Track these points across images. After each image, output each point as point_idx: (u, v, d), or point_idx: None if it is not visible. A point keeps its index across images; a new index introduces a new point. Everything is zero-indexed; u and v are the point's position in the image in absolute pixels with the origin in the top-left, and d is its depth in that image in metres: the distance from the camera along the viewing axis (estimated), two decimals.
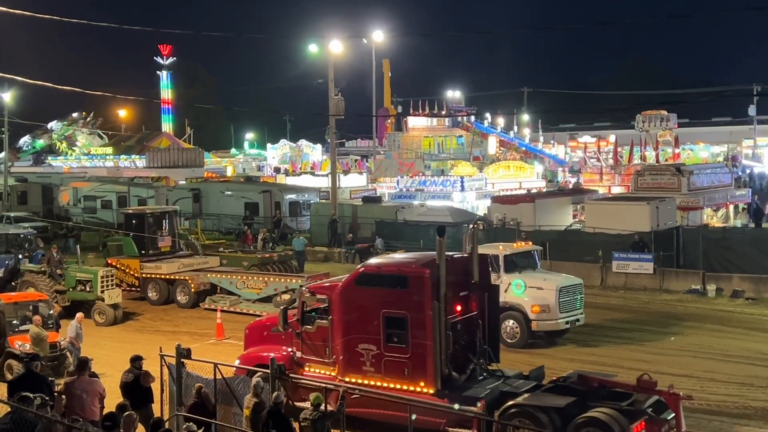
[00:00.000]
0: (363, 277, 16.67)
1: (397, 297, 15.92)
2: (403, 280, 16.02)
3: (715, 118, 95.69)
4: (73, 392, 13.73)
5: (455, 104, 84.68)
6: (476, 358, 16.28)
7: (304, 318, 17.08)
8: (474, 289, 16.69)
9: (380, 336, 15.87)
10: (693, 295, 30.07)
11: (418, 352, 15.41)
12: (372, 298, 16.22)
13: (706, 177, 42.18)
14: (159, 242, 31.69)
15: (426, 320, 15.35)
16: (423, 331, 15.40)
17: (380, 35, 65.78)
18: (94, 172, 68.19)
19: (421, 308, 15.47)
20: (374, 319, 15.96)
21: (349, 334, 16.23)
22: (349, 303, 16.47)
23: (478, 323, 16.59)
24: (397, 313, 15.78)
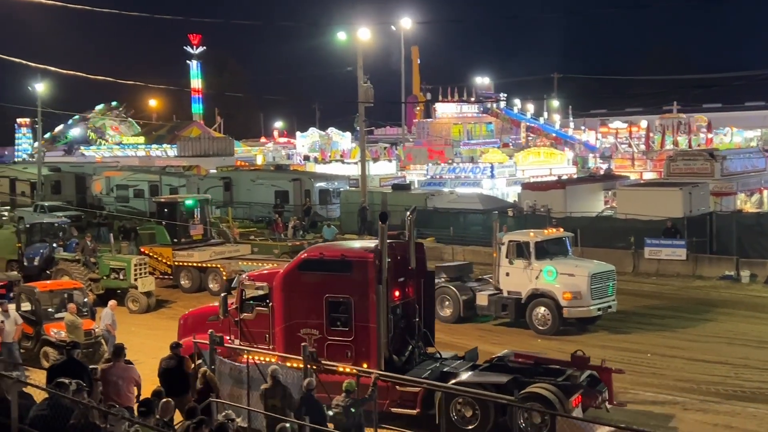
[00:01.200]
0: (306, 263, 16.92)
1: (341, 282, 16.26)
2: (348, 265, 16.40)
3: (749, 103, 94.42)
4: (109, 379, 13.90)
5: (484, 91, 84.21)
6: (414, 341, 16.73)
7: (243, 305, 17.24)
8: (411, 275, 17.04)
9: (323, 320, 16.17)
10: (726, 281, 29.80)
11: (362, 335, 15.77)
12: (315, 283, 16.48)
13: (740, 162, 41.72)
14: (191, 230, 31.90)
15: (370, 304, 15.77)
16: (366, 314, 15.81)
17: (408, 22, 65.61)
18: (126, 161, 68.80)
19: (365, 292, 15.86)
20: (317, 304, 16.23)
21: (290, 320, 16.42)
22: (290, 289, 16.66)
23: (415, 308, 17.05)
24: (340, 298, 16.14)
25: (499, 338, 23.15)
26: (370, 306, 15.81)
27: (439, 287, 25.26)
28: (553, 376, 15.66)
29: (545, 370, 16.13)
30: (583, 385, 15.47)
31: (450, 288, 25.10)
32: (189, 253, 30.80)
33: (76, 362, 13.67)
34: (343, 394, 13.41)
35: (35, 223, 33.46)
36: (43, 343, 20.82)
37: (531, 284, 23.65)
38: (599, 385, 15.94)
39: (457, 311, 24.85)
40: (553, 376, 15.66)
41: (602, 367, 16.35)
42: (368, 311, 15.83)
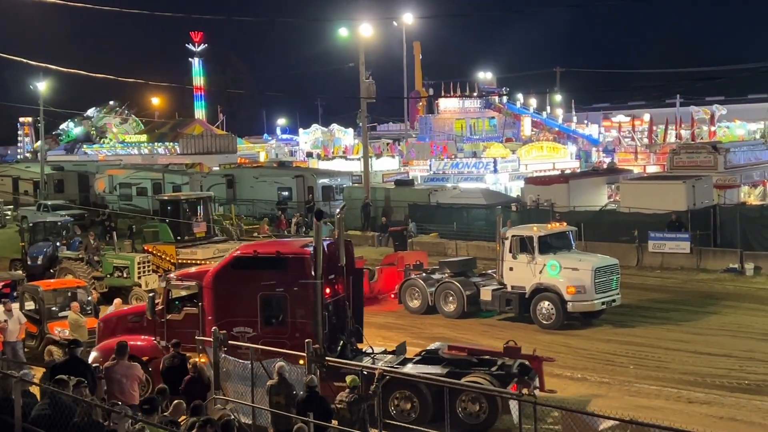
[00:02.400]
0: (239, 261, 16.87)
1: (277, 279, 16.26)
2: (283, 262, 16.42)
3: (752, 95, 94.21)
4: (112, 377, 13.92)
5: (487, 86, 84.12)
6: (346, 337, 16.83)
7: (170, 306, 17.12)
8: (340, 273, 17.07)
9: (257, 318, 16.13)
10: (731, 274, 29.73)
11: (298, 331, 15.75)
12: (249, 281, 16.41)
13: (743, 154, 41.62)
14: (194, 228, 31.87)
15: (306, 300, 15.82)
16: (303, 310, 15.89)
17: (410, 18, 65.51)
18: (128, 159, 68.86)
19: (301, 289, 15.94)
20: (251, 302, 16.16)
21: (222, 319, 16.25)
22: (222, 287, 16.57)
23: (346, 304, 17.10)
24: (276, 295, 16.15)
25: (503, 333, 23.06)
26: (306, 303, 15.86)
27: (443, 282, 25.30)
28: (487, 366, 16.05)
29: (479, 361, 16.43)
30: (517, 374, 15.92)
31: (453, 283, 25.09)
32: (192, 251, 30.72)
33: (79, 360, 13.69)
34: (347, 390, 13.41)
35: (38, 222, 33.47)
36: (47, 342, 20.83)
37: (535, 279, 23.62)
38: (530, 373, 16.36)
39: (460, 306, 24.84)
40: (487, 366, 16.05)
41: (533, 356, 16.83)
42: (305, 308, 15.91)
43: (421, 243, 37.16)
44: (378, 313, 26.15)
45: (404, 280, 26.39)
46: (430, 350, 17.24)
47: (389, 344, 18.72)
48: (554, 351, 21.10)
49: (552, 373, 19.17)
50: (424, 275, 26.17)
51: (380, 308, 26.69)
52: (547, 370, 19.28)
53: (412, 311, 25.62)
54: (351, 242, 18.37)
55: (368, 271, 27.99)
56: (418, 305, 25.61)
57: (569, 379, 18.83)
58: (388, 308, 26.49)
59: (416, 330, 23.66)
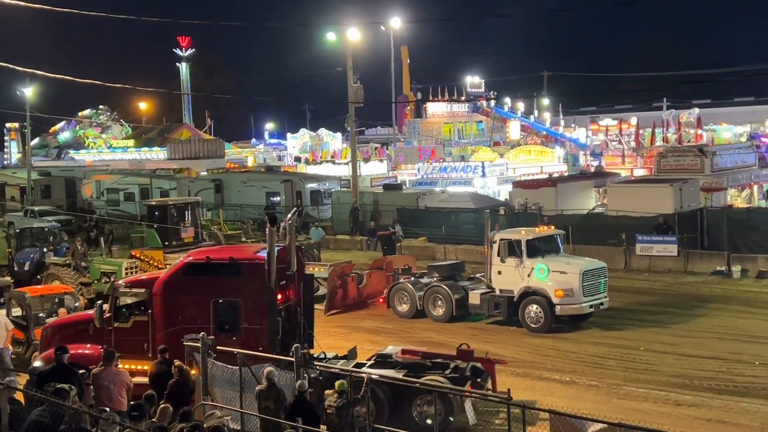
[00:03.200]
0: (191, 267, 16.74)
1: (230, 285, 16.20)
2: (237, 268, 16.35)
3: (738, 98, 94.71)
4: (100, 383, 13.85)
5: (474, 90, 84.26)
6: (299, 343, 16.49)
7: (117, 314, 16.88)
8: (291, 279, 17.00)
9: (210, 324, 15.95)
10: (718, 276, 29.86)
11: (252, 337, 15.68)
12: (201, 287, 16.31)
13: (730, 157, 41.81)
14: (182, 233, 31.80)
15: (260, 306, 15.78)
16: (256, 316, 15.81)
17: (398, 22, 65.61)
18: (116, 164, 68.63)
19: (255, 295, 15.88)
20: (203, 308, 16.05)
21: (172, 326, 16.14)
22: (173, 294, 16.42)
23: (297, 310, 17.03)
24: (229, 301, 16.04)
25: (492, 337, 23.16)
26: (260, 308, 15.79)
27: (432, 286, 25.30)
28: (441, 369, 16.12)
29: (433, 364, 16.48)
30: (470, 376, 16.07)
31: (442, 287, 25.09)
32: (180, 256, 30.61)
33: (66, 367, 13.62)
34: (336, 394, 13.40)
35: (25, 228, 33.33)
36: (35, 348, 20.69)
37: (523, 282, 23.65)
38: (483, 375, 16.54)
39: (449, 310, 24.84)
40: (441, 369, 16.12)
41: (485, 359, 17.05)
42: (258, 313, 15.83)
43: (410, 247, 37.19)
44: (367, 317, 26.16)
45: (393, 284, 26.39)
46: (382, 354, 17.20)
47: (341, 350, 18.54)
48: (543, 354, 21.19)
49: (540, 376, 19.26)
50: (412, 279, 26.18)
51: (369, 312, 26.69)
52: (535, 373, 19.42)
53: (401, 315, 25.61)
54: (302, 248, 18.44)
55: (357, 275, 28.05)
56: (407, 309, 25.60)
57: (558, 382, 18.86)
58: (376, 312, 26.48)
59: (405, 334, 23.66)
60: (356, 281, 27.67)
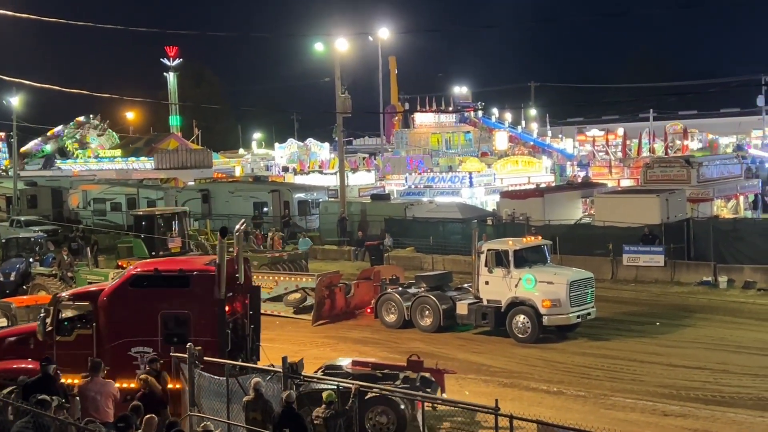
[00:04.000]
0: (138, 279, 16.39)
1: (179, 296, 15.91)
2: (186, 280, 16.06)
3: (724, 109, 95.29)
4: (86, 394, 13.77)
5: (462, 100, 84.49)
6: (247, 355, 16.63)
7: (60, 327, 16.39)
8: (238, 291, 16.78)
9: (158, 337, 15.68)
10: (704, 287, 29.97)
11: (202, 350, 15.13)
12: (149, 299, 15.98)
13: (716, 168, 42.02)
14: (169, 243, 31.72)
15: (210, 318, 15.53)
16: (206, 328, 15.53)
17: (386, 32, 65.70)
18: (102, 174, 68.38)
19: (204, 306, 15.63)
20: (151, 321, 15.69)
21: (118, 339, 15.78)
22: (120, 307, 16.06)
23: (244, 322, 16.83)
24: (178, 313, 15.77)
25: (480, 347, 23.17)
26: (210, 320, 15.54)
27: (419, 297, 25.30)
28: (392, 380, 16.15)
29: (383, 375, 16.50)
30: (419, 387, 16.12)
31: (430, 297, 25.09)
32: None
33: (51, 378, 13.54)
34: (324, 405, 13.36)
35: (11, 238, 33.23)
36: None
37: (510, 292, 23.67)
38: (432, 385, 16.60)
39: (437, 321, 24.83)
40: (392, 380, 16.15)
41: (435, 369, 17.15)
42: (208, 326, 15.56)
43: (398, 257, 37.19)
44: (354, 327, 26.13)
45: (380, 294, 26.35)
46: (331, 366, 17.14)
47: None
48: (530, 364, 21.20)
49: (528, 386, 19.27)
50: (400, 289, 26.15)
51: (356, 323, 26.66)
52: (523, 383, 19.43)
53: (388, 326, 25.59)
54: (249, 259, 18.22)
55: (344, 285, 28.02)
56: (395, 319, 25.58)
57: (545, 392, 18.87)
58: (364, 323, 26.46)
59: (392, 344, 23.64)
60: (344, 291, 27.63)
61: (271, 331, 25.72)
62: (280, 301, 28.28)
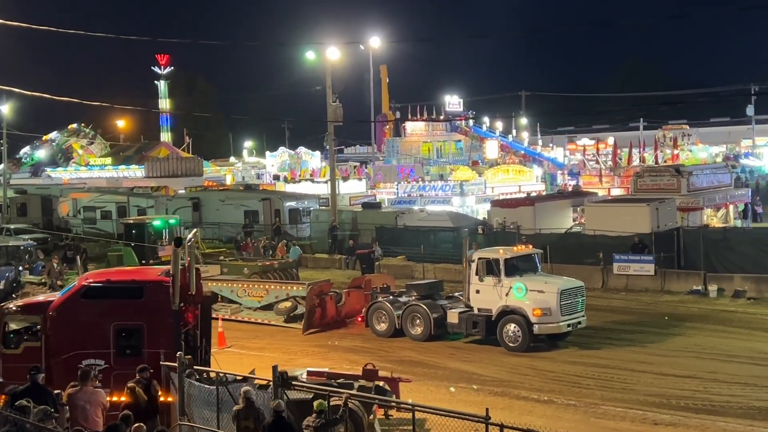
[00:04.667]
0: (90, 290, 16.15)
1: (132, 308, 15.72)
2: (139, 291, 15.93)
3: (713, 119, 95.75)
4: (76, 403, 13.70)
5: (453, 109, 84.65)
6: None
7: (5, 339, 16.02)
8: (190, 302, 16.58)
9: (110, 349, 15.48)
10: (694, 295, 30.03)
11: (155, 362, 15.09)
12: (101, 310, 15.78)
13: (706, 177, 42.15)
14: (159, 252, 31.66)
15: (164, 329, 15.34)
16: (161, 340, 15.33)
17: (377, 41, 65.85)
18: (93, 182, 68.15)
19: (159, 317, 15.43)
20: (103, 333, 15.50)
21: (69, 351, 15.50)
22: (70, 318, 15.79)
23: (196, 334, 16.66)
24: (131, 325, 15.56)
25: (470, 356, 23.16)
26: (164, 332, 15.34)
27: (410, 305, 25.27)
28: (347, 389, 15.90)
29: (339, 384, 16.33)
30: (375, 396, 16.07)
31: (420, 306, 25.07)
32: None
33: (40, 387, 13.47)
34: (314, 414, 13.32)
35: (0, 246, 33.03)
36: None
37: (501, 301, 23.68)
38: (387, 394, 16.56)
39: (428, 329, 24.81)
40: (347, 389, 15.90)
41: (390, 378, 17.20)
42: (162, 337, 15.36)
43: (389, 266, 37.17)
44: (345, 336, 26.08)
45: (371, 303, 26.32)
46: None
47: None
48: (521, 373, 21.20)
49: (519, 395, 19.27)
50: (391, 298, 26.13)
51: (347, 332, 26.62)
52: (513, 392, 19.42)
53: (379, 334, 25.56)
54: (200, 270, 17.99)
55: (335, 294, 27.99)
56: (385, 328, 25.55)
57: (536, 401, 18.87)
58: (355, 331, 26.42)
59: (383, 353, 23.61)
60: (335, 300, 27.60)
61: (261, 339, 25.81)
62: (270, 310, 28.23)
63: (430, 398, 18.17)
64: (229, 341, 24.96)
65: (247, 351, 24.19)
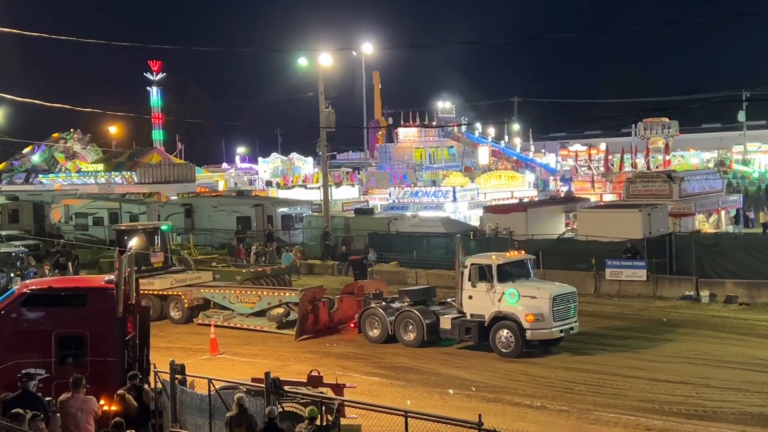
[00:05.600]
0: (30, 298, 15.77)
1: (75, 316, 15.40)
2: (83, 298, 15.63)
3: (705, 125, 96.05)
4: (67, 410, 13.64)
5: (446, 115, 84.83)
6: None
7: None
8: (130, 312, 16.13)
9: (51, 359, 15.12)
10: (686, 301, 30.08)
11: (99, 370, 14.84)
12: (42, 319, 15.47)
13: (697, 183, 42.26)
14: (151, 258, 31.57)
15: (109, 337, 15.11)
16: (104, 348, 15.08)
17: (369, 47, 65.95)
18: (85, 189, 68.08)
19: (103, 325, 15.18)
20: (44, 342, 15.13)
21: (7, 361, 15.12)
22: (9, 327, 15.42)
23: (136, 344, 16.24)
24: (74, 333, 15.21)
25: (463, 362, 23.15)
26: (109, 340, 15.10)
27: (403, 311, 25.25)
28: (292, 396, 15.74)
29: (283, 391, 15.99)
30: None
31: (413, 312, 25.05)
32: (149, 281, 30.43)
33: (31, 394, 13.41)
34: (306, 421, 13.30)
35: None
36: None
37: (494, 307, 23.67)
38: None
39: (420, 335, 24.80)
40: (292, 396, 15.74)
41: (335, 384, 17.13)
42: (107, 345, 15.10)
43: (381, 272, 37.14)
44: (338, 342, 26.06)
45: (364, 309, 26.30)
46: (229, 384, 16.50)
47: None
48: (513, 379, 21.20)
49: (511, 401, 19.26)
50: (383, 304, 26.11)
51: (340, 338, 26.59)
52: (506, 398, 19.42)
53: (372, 340, 25.54)
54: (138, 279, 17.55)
55: (328, 300, 27.96)
56: (378, 334, 25.54)
57: (528, 407, 18.86)
58: (348, 338, 26.39)
59: (376, 359, 23.59)
60: (327, 306, 27.57)
61: (253, 346, 25.75)
62: (263, 316, 28.19)
63: (422, 404, 18.16)
64: (221, 348, 24.93)
65: (239, 357, 24.16)
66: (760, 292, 29.44)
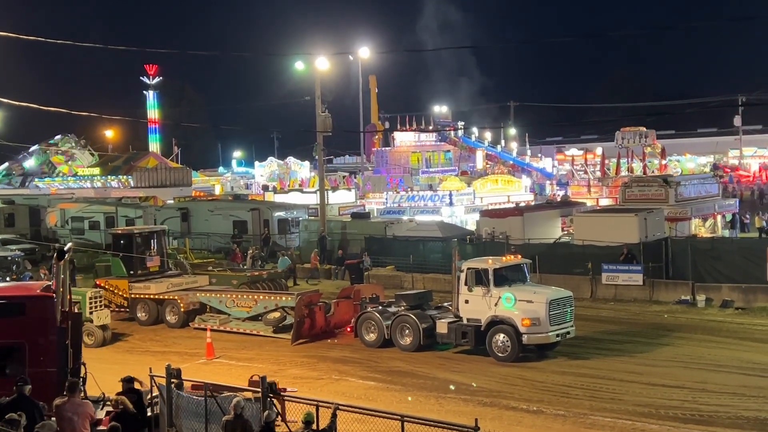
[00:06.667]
0: None
1: (11, 326, 15.00)
2: (20, 307, 15.26)
3: (701, 129, 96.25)
4: (63, 414, 13.61)
5: (442, 119, 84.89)
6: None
7: None
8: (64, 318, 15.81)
9: None
10: (683, 305, 30.10)
11: (38, 381, 14.26)
12: None
13: (693, 188, 42.34)
14: (147, 262, 31.52)
15: (49, 347, 14.78)
16: (44, 358, 14.74)
17: (366, 51, 65.97)
18: (81, 193, 67.97)
19: (42, 335, 14.86)
20: None
21: None
22: None
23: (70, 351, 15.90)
24: (10, 343, 14.83)
25: (459, 366, 23.13)
26: (49, 349, 14.77)
27: (399, 315, 25.24)
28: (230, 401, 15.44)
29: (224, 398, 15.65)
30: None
31: (410, 316, 25.04)
32: (146, 285, 30.43)
33: (27, 399, 13.38)
34: (302, 425, 13.28)
35: None
36: None
37: (490, 311, 23.67)
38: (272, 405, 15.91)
39: (417, 339, 24.78)
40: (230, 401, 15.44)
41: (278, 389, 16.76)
42: (47, 355, 14.76)
43: (378, 276, 37.15)
44: (334, 346, 26.03)
45: (360, 313, 26.28)
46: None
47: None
48: (510, 383, 21.19)
49: (508, 405, 19.25)
50: (380, 308, 26.10)
51: (336, 342, 26.57)
52: (502, 402, 19.40)
53: (368, 345, 25.51)
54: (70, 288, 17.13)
55: (324, 304, 27.93)
56: (375, 338, 25.51)
57: (525, 411, 18.85)
58: (344, 342, 26.37)
59: (372, 363, 23.57)
60: (324, 310, 27.55)
61: (250, 350, 25.73)
62: (259, 320, 28.15)
63: (419, 408, 18.16)
64: (217, 352, 24.89)
65: (235, 362, 24.13)
66: (756, 297, 29.49)
